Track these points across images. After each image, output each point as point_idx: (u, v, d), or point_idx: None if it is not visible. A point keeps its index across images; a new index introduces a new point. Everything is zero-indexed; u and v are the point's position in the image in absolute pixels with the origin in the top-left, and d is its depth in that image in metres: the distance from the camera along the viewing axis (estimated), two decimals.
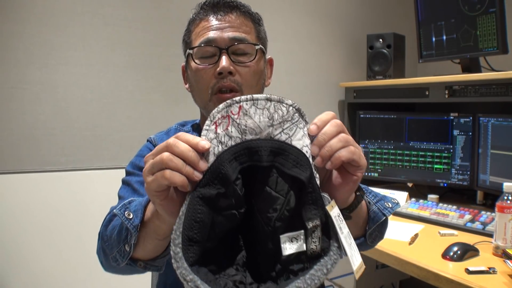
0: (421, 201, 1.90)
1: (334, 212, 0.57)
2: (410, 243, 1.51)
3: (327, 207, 0.56)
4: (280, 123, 0.56)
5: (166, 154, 0.54)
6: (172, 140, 0.55)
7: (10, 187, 1.65)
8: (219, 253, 0.54)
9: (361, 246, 0.83)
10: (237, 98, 0.56)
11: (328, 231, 0.55)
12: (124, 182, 0.93)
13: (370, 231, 0.82)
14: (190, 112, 0.96)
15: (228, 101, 0.56)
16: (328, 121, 0.59)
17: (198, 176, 0.53)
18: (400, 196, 1.96)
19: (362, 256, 0.63)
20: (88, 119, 1.79)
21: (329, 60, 2.40)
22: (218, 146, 0.54)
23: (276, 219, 0.54)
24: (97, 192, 1.77)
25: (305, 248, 0.54)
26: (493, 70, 1.88)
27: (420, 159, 2.07)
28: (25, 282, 1.67)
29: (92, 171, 1.79)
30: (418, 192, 2.11)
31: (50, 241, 1.70)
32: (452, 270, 1.28)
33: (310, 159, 0.56)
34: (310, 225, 0.54)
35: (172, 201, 0.57)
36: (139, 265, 0.74)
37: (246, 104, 0.56)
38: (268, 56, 0.96)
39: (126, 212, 0.72)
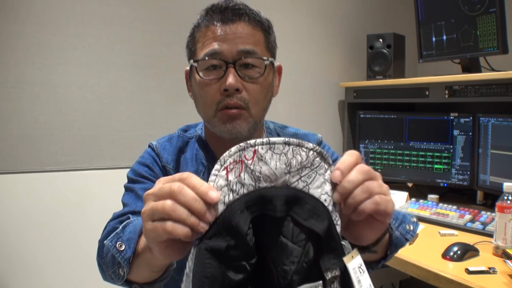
0: (421, 201, 1.90)
1: (354, 263, 0.53)
2: (410, 243, 1.51)
3: (346, 258, 0.52)
4: (298, 170, 0.51)
5: (169, 204, 0.48)
6: (177, 186, 0.48)
7: (10, 187, 1.65)
8: None
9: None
10: (252, 142, 0.50)
11: (348, 282, 0.52)
12: (127, 188, 0.90)
13: (391, 255, 0.79)
14: (190, 112, 0.95)
15: (241, 144, 0.50)
16: (353, 164, 0.54)
17: (204, 228, 0.48)
18: (400, 196, 1.96)
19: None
20: (88, 119, 1.79)
21: (329, 60, 2.40)
22: (228, 195, 0.49)
23: (294, 272, 0.50)
24: (97, 192, 1.77)
25: None
26: (493, 70, 1.88)
27: (420, 159, 2.07)
28: (25, 282, 1.67)
29: (91, 171, 1.79)
30: (418, 192, 2.10)
31: (49, 241, 1.70)
32: (452, 270, 1.28)
33: (330, 207, 0.52)
34: (329, 275, 0.50)
35: (172, 249, 0.52)
36: None
37: (262, 148, 0.50)
38: (276, 64, 0.92)
39: (118, 244, 0.68)
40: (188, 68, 0.90)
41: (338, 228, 0.52)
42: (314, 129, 1.09)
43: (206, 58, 0.81)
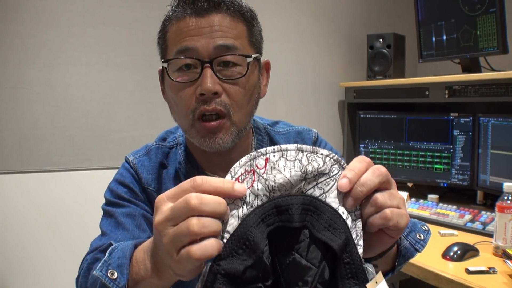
0: (421, 201, 1.90)
1: None
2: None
3: (369, 285, 0.47)
4: (315, 176, 0.47)
5: (194, 222, 0.42)
6: (195, 198, 0.43)
7: (10, 187, 1.65)
8: None
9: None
10: (262, 150, 0.47)
11: None
12: (106, 212, 0.81)
13: (399, 267, 0.72)
14: None
15: (252, 153, 0.47)
16: (363, 170, 0.48)
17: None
18: None
19: None
20: (88, 119, 1.79)
21: (329, 60, 2.40)
22: (242, 207, 0.46)
23: None
24: (97, 192, 1.76)
25: None
26: (493, 70, 1.88)
27: (420, 159, 2.07)
28: (25, 282, 1.67)
29: (92, 171, 1.79)
30: (418, 192, 2.10)
31: (49, 241, 1.70)
32: (452, 270, 1.28)
33: (349, 222, 0.47)
34: None
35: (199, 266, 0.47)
36: None
37: (274, 156, 0.47)
38: (264, 59, 0.80)
39: (109, 272, 0.57)
40: (160, 68, 0.79)
41: (360, 250, 0.47)
42: (315, 129, 1.06)
43: (178, 56, 0.70)
